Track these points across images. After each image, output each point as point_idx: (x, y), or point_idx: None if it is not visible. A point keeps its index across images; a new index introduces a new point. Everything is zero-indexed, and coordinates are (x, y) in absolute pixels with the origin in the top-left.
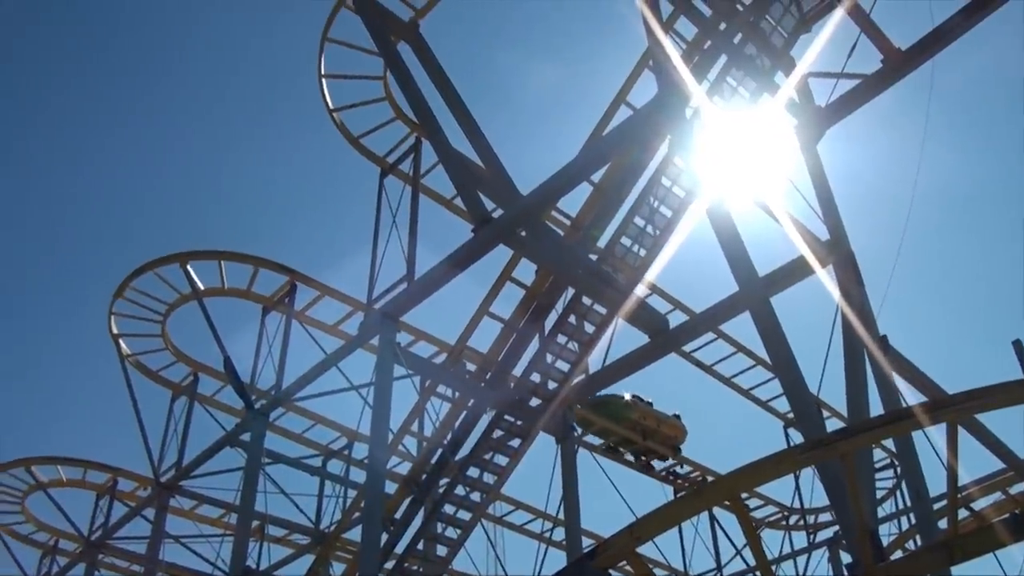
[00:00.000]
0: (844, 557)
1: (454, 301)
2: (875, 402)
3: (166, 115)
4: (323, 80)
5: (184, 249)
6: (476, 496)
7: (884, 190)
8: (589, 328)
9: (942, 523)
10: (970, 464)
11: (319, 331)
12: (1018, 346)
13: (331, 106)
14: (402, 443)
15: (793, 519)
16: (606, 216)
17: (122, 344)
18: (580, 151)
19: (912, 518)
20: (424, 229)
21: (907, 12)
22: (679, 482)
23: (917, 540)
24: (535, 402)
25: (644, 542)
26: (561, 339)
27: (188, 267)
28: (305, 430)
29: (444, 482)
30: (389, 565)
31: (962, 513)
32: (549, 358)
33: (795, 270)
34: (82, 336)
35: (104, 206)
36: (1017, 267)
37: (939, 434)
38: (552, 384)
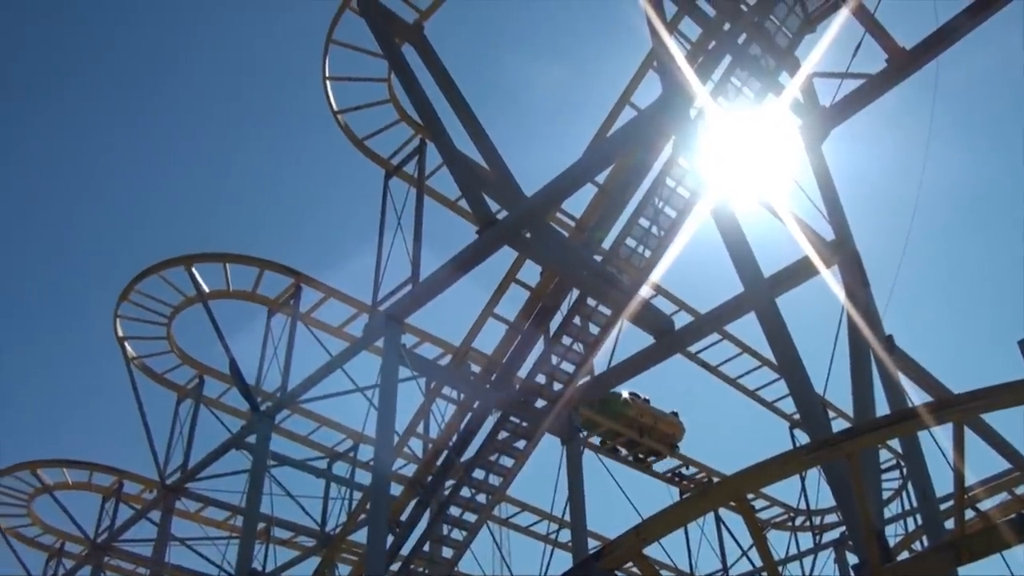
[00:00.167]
0: (850, 558)
1: (459, 303)
2: (881, 402)
3: (171, 117)
4: (327, 82)
5: (189, 252)
6: (482, 498)
7: (889, 190)
8: (594, 329)
9: (948, 524)
10: (976, 464)
11: (324, 333)
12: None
13: (335, 108)
14: (407, 445)
15: (799, 520)
16: (611, 217)
17: (128, 347)
18: (584, 152)
19: (918, 519)
20: (429, 231)
21: (911, 12)
22: (684, 483)
23: (924, 541)
24: (540, 403)
25: (650, 543)
26: (566, 340)
27: (193, 269)
28: (310, 432)
29: (450, 484)
30: (395, 567)
31: (968, 514)
32: (554, 359)
33: (800, 270)
34: (88, 339)
35: (109, 208)
36: (1022, 266)
37: (945, 434)
38: (557, 385)
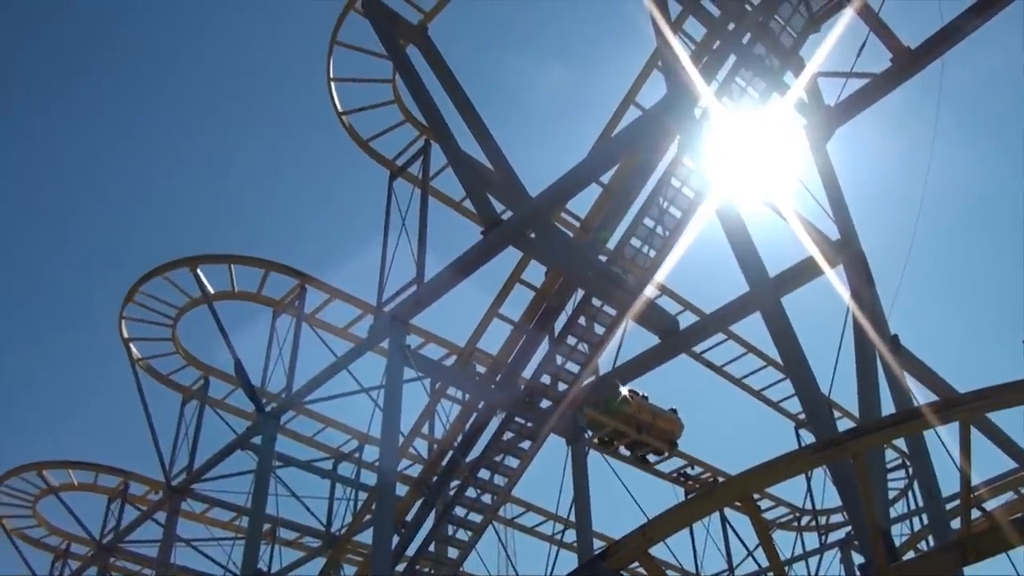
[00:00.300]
0: (856, 558)
1: (464, 304)
2: (886, 402)
3: (175, 118)
4: (332, 83)
5: (194, 253)
6: (487, 498)
7: (894, 190)
8: (599, 329)
9: (954, 523)
10: (981, 464)
11: (329, 334)
12: None
13: (340, 109)
14: (413, 445)
15: (805, 520)
16: (615, 217)
17: (133, 348)
18: (589, 152)
19: (924, 518)
20: (433, 232)
21: (916, 11)
22: (690, 483)
23: (930, 540)
24: (546, 404)
25: (656, 543)
26: (571, 340)
27: (198, 271)
28: (316, 433)
29: (455, 484)
30: (400, 567)
31: (975, 514)
32: (559, 360)
33: (805, 270)
34: (93, 340)
35: (114, 210)
36: None
37: (950, 434)
38: (563, 386)
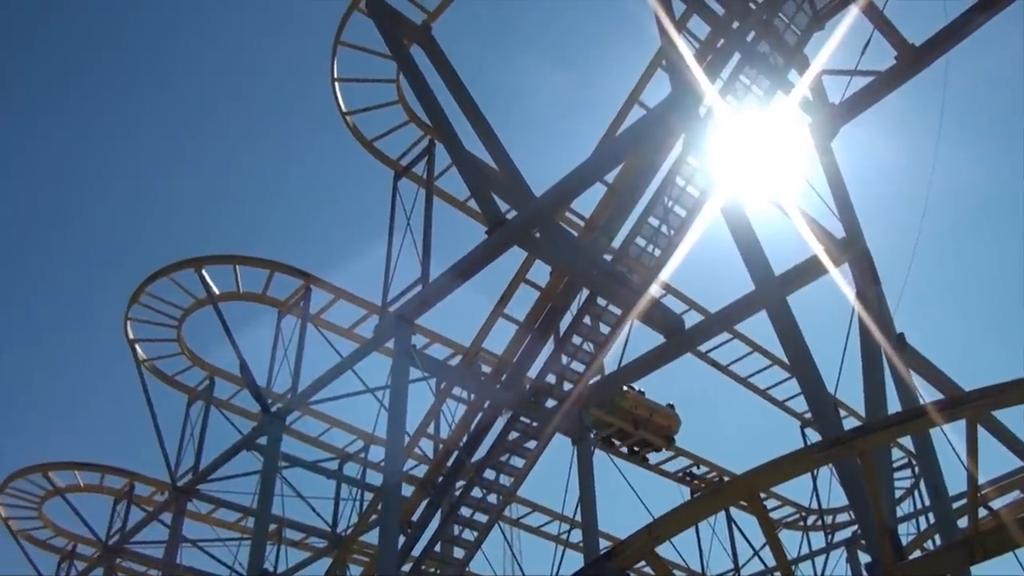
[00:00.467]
0: (863, 557)
1: (468, 305)
2: (893, 400)
3: (179, 119)
4: (336, 84)
5: (199, 254)
6: (493, 498)
7: (899, 188)
8: (604, 329)
9: (961, 522)
10: (987, 463)
11: (334, 334)
12: None
13: (344, 109)
14: (418, 446)
15: (811, 519)
16: (620, 216)
17: (138, 349)
18: (594, 151)
19: (931, 517)
20: (438, 231)
21: (920, 9)
22: (696, 483)
23: (936, 540)
24: (551, 403)
25: (662, 542)
26: (576, 340)
27: (203, 271)
28: (321, 433)
29: (460, 484)
30: (406, 568)
31: (982, 513)
32: (564, 359)
33: (811, 268)
34: (98, 342)
35: (119, 211)
36: None
37: (956, 433)
38: (568, 385)
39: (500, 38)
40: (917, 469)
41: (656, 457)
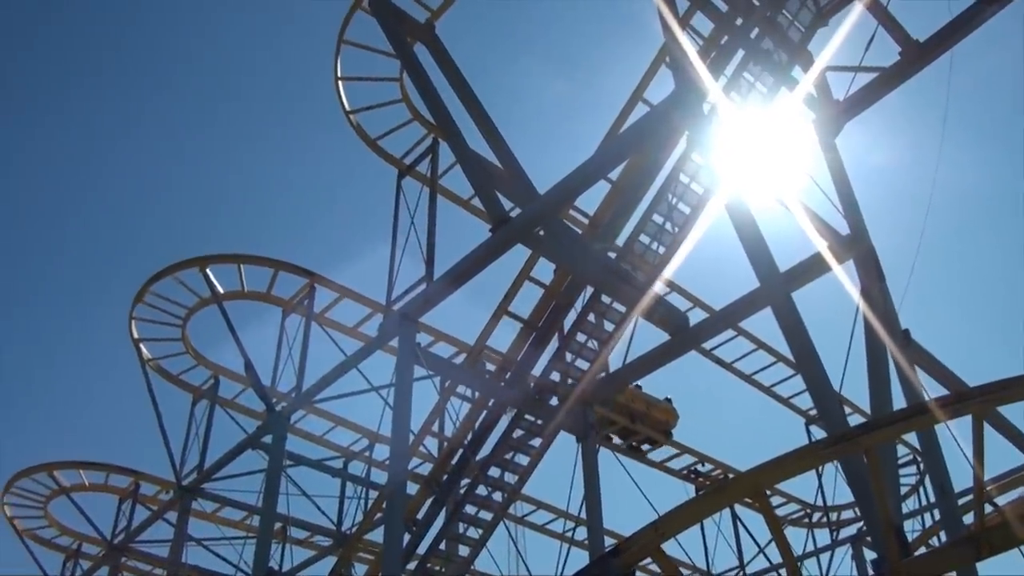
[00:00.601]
0: (868, 554)
1: (473, 302)
2: (898, 397)
3: (183, 119)
4: (339, 82)
5: (203, 253)
6: (497, 496)
7: (903, 186)
8: (609, 326)
9: (966, 519)
10: (991, 460)
11: (339, 333)
12: None
13: (348, 108)
14: (423, 444)
15: (816, 516)
16: (625, 214)
17: (143, 348)
18: (597, 148)
19: (936, 514)
20: (442, 230)
21: (924, 4)
22: (700, 480)
23: (941, 537)
24: (555, 401)
25: (668, 539)
26: (580, 338)
27: (207, 271)
28: (326, 432)
29: (465, 482)
30: (411, 566)
31: (987, 509)
32: (568, 357)
33: (816, 265)
34: (103, 342)
35: (123, 211)
36: None
37: (960, 430)
38: (573, 383)
39: (502, 38)
40: (922, 466)
41: (660, 454)
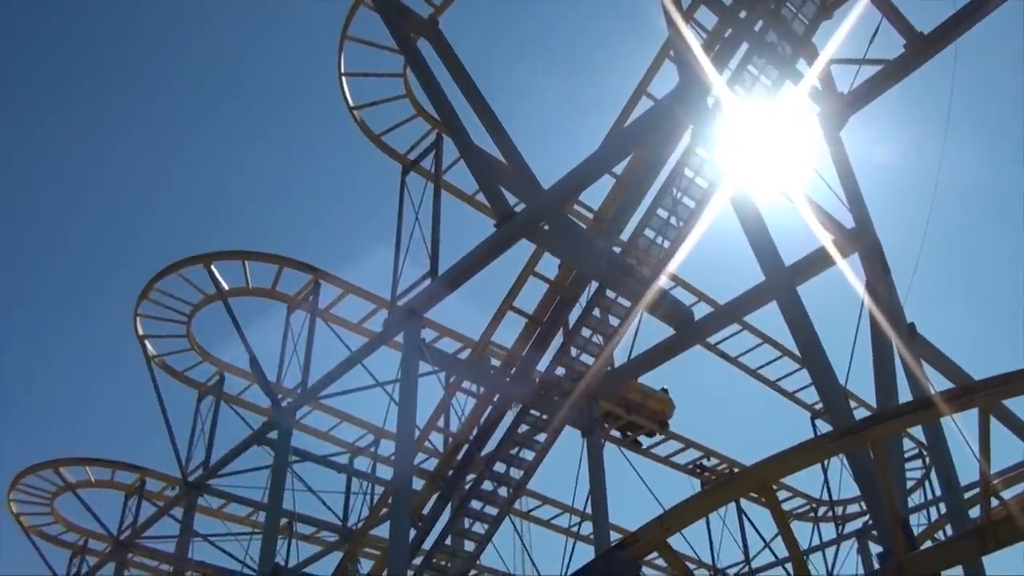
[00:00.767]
0: (873, 548)
1: (472, 304)
2: (904, 391)
3: (186, 116)
4: (343, 78)
5: (208, 250)
6: (503, 491)
7: (908, 179)
8: (614, 321)
9: (972, 513)
10: (997, 452)
11: (343, 329)
12: None
13: (352, 104)
14: (428, 439)
15: (821, 511)
16: (629, 209)
17: (148, 345)
18: (602, 143)
19: (942, 508)
20: (447, 225)
21: None
22: (706, 475)
23: (947, 530)
24: (561, 396)
25: (674, 533)
26: (585, 332)
27: (212, 267)
28: (331, 428)
29: (471, 478)
30: (417, 561)
31: (994, 503)
32: (573, 351)
33: (821, 259)
34: (108, 338)
35: (127, 208)
36: None
37: (966, 424)
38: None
39: (504, 33)
40: (928, 460)
41: (665, 449)
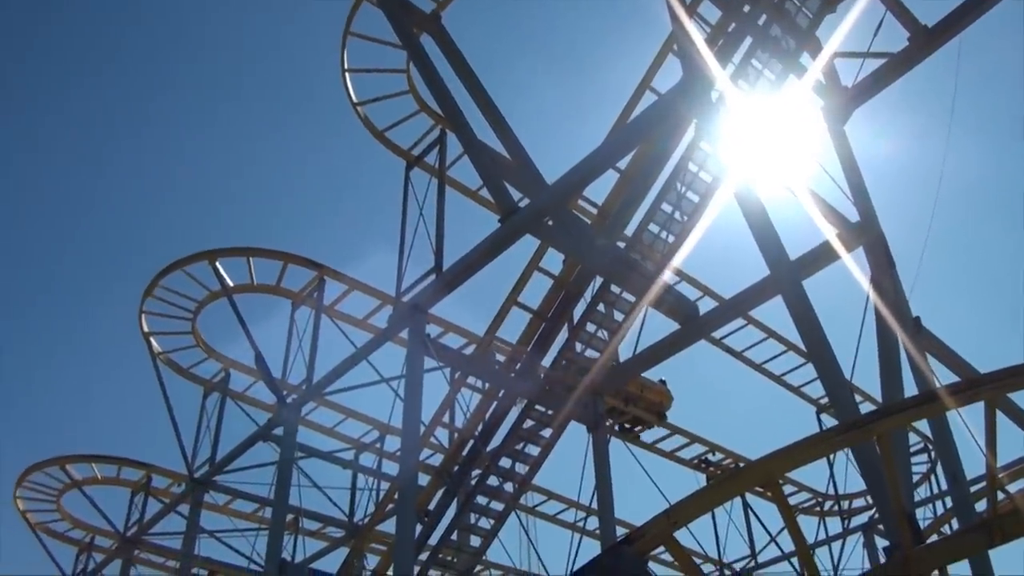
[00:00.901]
0: (879, 542)
1: (483, 292)
2: (909, 385)
3: (191, 113)
4: (346, 74)
5: (212, 247)
6: (508, 486)
7: (913, 173)
8: (618, 316)
9: (979, 506)
10: (1003, 446)
11: (348, 325)
12: None
13: (355, 100)
14: (434, 435)
15: (827, 505)
16: (633, 203)
17: (153, 342)
18: (606, 138)
19: (947, 502)
20: (451, 221)
21: None
22: (711, 469)
23: (953, 524)
24: (566, 392)
25: (681, 527)
26: (590, 327)
27: (217, 264)
28: (336, 424)
29: (476, 473)
30: (423, 556)
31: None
32: (578, 347)
33: (826, 253)
34: (114, 335)
35: (131, 205)
36: None
37: (972, 418)
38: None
39: (507, 29)
40: (933, 454)
41: (670, 444)
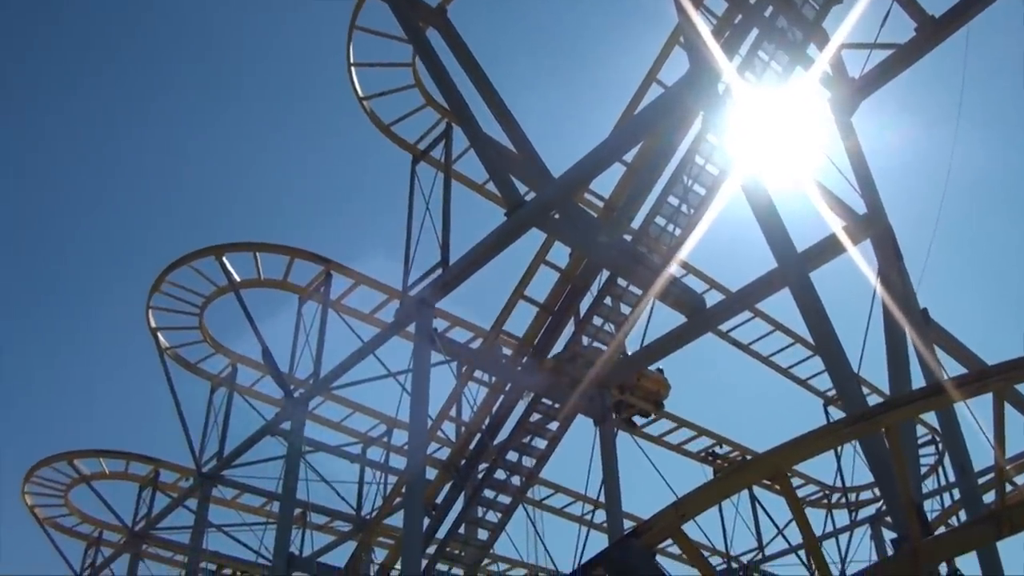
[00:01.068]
0: (887, 534)
1: (489, 287)
2: (917, 377)
3: (197, 109)
4: (352, 69)
5: (219, 242)
6: (516, 480)
7: (920, 165)
8: (625, 309)
9: (987, 498)
10: (1011, 438)
11: (355, 319)
12: None
13: (361, 94)
14: (441, 429)
15: (835, 498)
16: (640, 196)
17: (161, 337)
18: (612, 131)
19: (955, 494)
20: (457, 215)
21: None
22: (719, 462)
23: (961, 516)
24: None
25: (689, 519)
26: (597, 321)
27: (224, 259)
28: (344, 418)
29: (483, 466)
30: (431, 550)
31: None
32: (585, 340)
33: (833, 245)
34: (121, 331)
35: (139, 202)
36: None
37: (979, 408)
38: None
39: (512, 23)
40: (941, 445)
41: (677, 436)
